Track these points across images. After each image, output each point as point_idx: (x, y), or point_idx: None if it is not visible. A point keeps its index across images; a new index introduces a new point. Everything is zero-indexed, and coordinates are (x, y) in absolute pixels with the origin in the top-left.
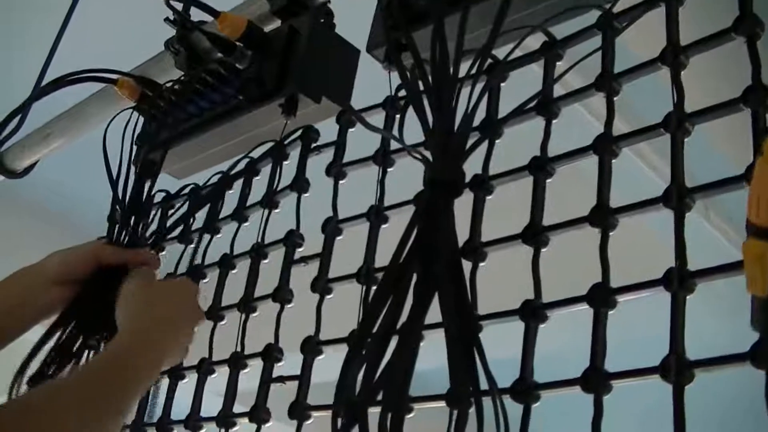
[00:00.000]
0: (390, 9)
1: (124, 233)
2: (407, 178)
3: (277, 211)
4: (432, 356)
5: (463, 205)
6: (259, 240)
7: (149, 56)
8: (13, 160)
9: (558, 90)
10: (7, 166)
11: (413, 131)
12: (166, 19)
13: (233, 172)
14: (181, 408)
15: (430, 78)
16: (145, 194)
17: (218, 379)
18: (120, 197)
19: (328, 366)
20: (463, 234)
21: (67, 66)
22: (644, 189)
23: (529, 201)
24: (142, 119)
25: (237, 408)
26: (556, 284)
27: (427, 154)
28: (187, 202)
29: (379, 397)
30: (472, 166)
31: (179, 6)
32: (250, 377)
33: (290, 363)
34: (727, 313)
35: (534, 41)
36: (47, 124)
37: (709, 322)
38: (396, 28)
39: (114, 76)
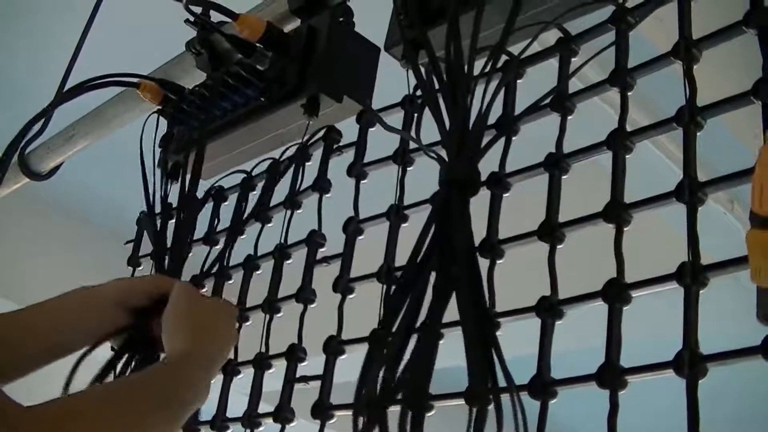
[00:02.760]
0: (405, 7)
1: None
2: (430, 176)
3: (299, 211)
4: (448, 355)
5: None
6: (282, 241)
7: (171, 57)
8: (38, 162)
9: (576, 84)
10: (32, 168)
11: (434, 130)
12: (187, 21)
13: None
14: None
15: (444, 76)
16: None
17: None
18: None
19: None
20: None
21: (90, 67)
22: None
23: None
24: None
25: (263, 407)
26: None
27: (444, 153)
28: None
29: (399, 396)
30: (490, 164)
31: (199, 9)
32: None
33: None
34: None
35: (552, 37)
36: (71, 126)
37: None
38: (412, 26)
39: (135, 80)
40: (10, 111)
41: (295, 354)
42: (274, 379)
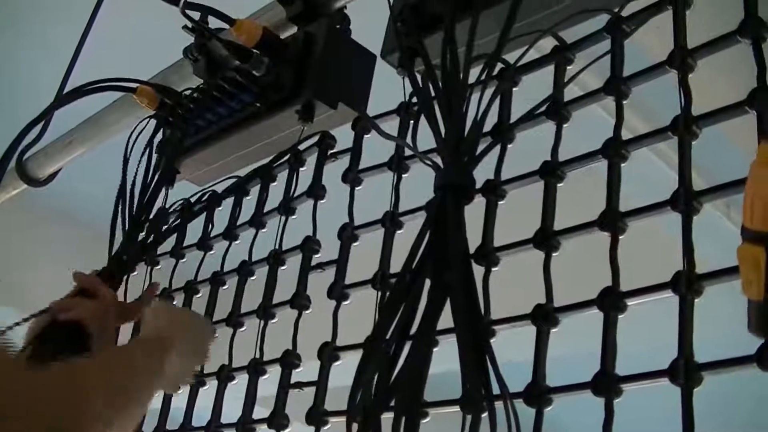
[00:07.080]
0: (402, 15)
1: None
2: (425, 184)
3: (294, 217)
4: (442, 360)
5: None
6: (277, 246)
7: (170, 64)
8: (36, 168)
9: (574, 90)
10: (30, 174)
11: (428, 137)
12: (185, 27)
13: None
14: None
15: (440, 83)
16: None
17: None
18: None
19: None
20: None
21: (89, 72)
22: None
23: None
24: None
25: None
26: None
27: (439, 160)
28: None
29: (393, 403)
30: (485, 173)
31: (196, 15)
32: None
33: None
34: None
35: (549, 44)
36: (69, 132)
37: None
38: (408, 34)
39: (133, 85)
40: (10, 112)
41: (289, 360)
42: (269, 384)
